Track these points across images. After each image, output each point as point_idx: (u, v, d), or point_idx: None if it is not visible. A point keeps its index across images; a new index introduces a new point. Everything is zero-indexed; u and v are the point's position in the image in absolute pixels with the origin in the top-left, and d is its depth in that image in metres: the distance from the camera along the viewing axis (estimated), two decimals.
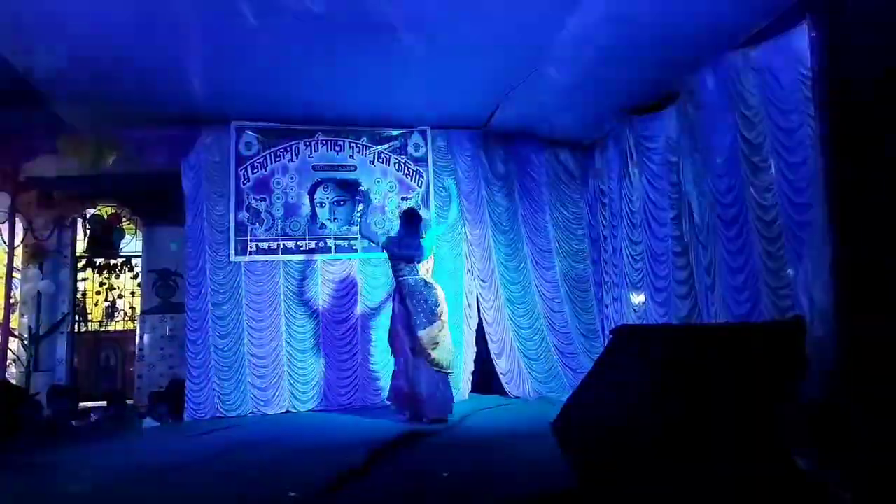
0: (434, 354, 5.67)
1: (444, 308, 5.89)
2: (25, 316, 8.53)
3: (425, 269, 6.08)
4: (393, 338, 5.96)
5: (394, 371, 6.01)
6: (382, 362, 6.85)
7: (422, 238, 6.02)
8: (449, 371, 5.82)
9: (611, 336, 3.59)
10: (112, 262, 10.05)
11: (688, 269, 5.67)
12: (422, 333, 5.65)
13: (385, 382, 6.57)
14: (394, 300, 6.04)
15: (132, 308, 10.05)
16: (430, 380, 5.64)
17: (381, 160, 7.41)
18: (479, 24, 5.08)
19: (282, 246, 7.09)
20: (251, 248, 7.01)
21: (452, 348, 6.00)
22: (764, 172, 4.61)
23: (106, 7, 4.64)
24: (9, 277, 7.39)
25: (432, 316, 5.73)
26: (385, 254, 6.14)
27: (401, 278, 5.90)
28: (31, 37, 5.03)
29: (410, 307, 5.75)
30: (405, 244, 5.93)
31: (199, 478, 3.94)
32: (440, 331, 5.77)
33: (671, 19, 4.75)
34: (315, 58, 5.60)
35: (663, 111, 6.08)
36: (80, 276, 9.63)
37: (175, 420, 6.52)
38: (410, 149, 7.49)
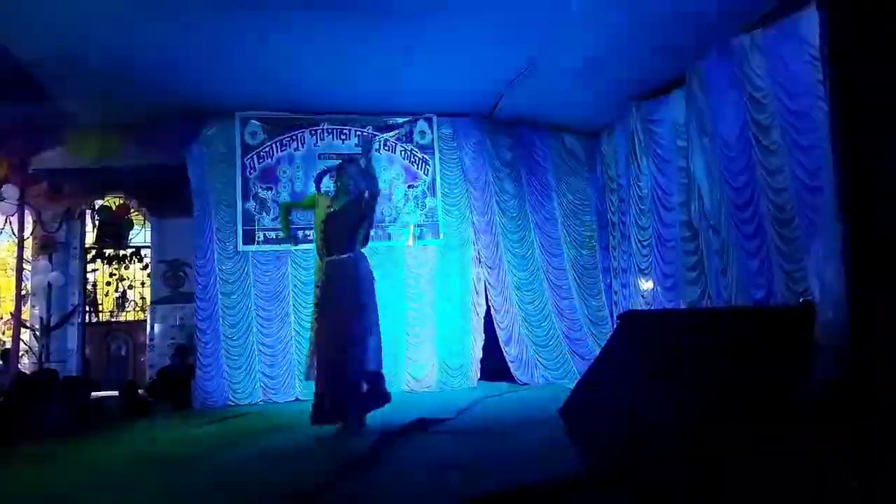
0: None
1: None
2: (36, 307, 8.61)
3: None
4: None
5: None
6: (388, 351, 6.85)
7: None
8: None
9: (618, 322, 3.58)
10: (121, 252, 10.12)
11: (697, 255, 5.63)
12: None
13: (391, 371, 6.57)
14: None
15: (142, 298, 10.12)
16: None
17: (386, 148, 7.38)
18: (484, 10, 5.04)
19: None
20: (258, 237, 7.02)
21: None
22: (775, 155, 4.57)
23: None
24: (19, 269, 7.44)
25: None
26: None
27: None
28: (38, 31, 5.03)
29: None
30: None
31: (208, 465, 3.97)
32: None
33: (678, 3, 4.70)
34: (320, 46, 5.57)
35: (670, 95, 6.03)
36: (89, 267, 9.71)
37: (185, 409, 6.57)
38: (416, 136, 7.46)
